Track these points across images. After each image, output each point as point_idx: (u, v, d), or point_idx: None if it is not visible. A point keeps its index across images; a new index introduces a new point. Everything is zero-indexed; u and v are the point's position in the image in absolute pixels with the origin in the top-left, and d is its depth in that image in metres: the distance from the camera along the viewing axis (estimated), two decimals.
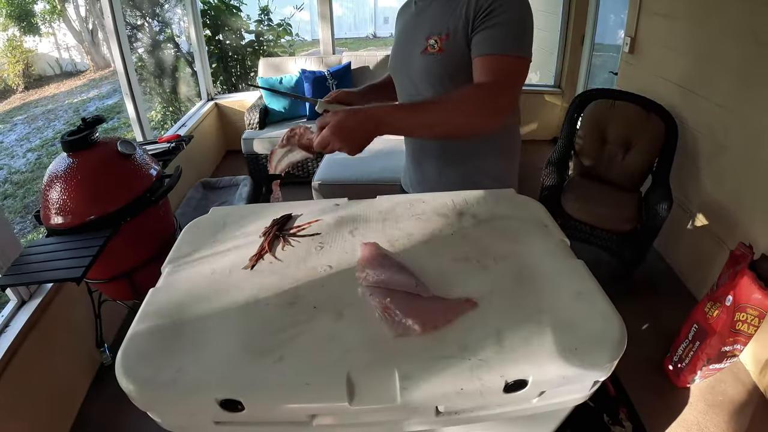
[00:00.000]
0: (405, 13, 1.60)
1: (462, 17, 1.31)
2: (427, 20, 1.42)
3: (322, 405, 0.66)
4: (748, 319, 2.08)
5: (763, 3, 2.32)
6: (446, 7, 1.37)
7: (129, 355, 0.74)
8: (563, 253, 0.90)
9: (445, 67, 1.39)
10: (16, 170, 7.38)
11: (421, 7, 1.48)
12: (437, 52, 1.37)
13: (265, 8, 6.44)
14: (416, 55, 1.43)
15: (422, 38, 1.41)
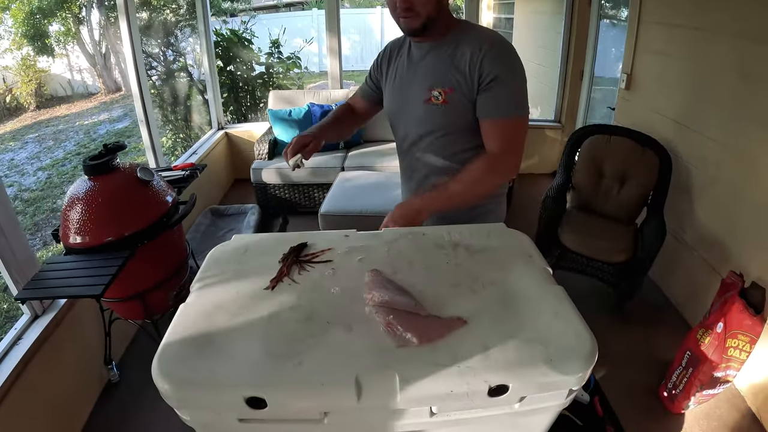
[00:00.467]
0: (396, 58, 1.68)
1: (466, 75, 1.46)
2: (428, 71, 1.54)
3: (334, 401, 0.79)
4: (740, 345, 2.14)
5: (750, 40, 2.43)
6: (447, 60, 1.50)
7: (165, 360, 0.86)
8: (545, 279, 1.02)
9: (448, 117, 1.54)
10: (26, 188, 7.46)
11: (418, 57, 1.58)
12: (441, 104, 1.51)
13: (275, 41, 6.60)
14: (418, 104, 1.56)
15: (424, 88, 1.53)
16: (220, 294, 1.01)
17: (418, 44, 1.58)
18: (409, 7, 1.40)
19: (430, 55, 1.54)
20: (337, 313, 0.92)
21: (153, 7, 6.65)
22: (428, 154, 1.65)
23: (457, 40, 1.50)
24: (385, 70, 1.72)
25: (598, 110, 4.88)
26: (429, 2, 1.41)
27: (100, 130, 10.25)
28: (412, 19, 1.43)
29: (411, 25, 1.45)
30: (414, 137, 1.65)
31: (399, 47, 1.68)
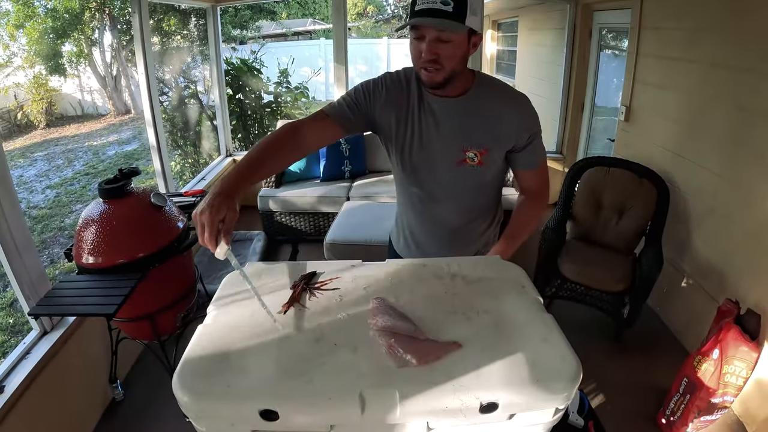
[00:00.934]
0: (405, 102, 1.61)
1: (497, 133, 1.55)
2: (460, 131, 1.56)
3: (340, 415, 0.87)
4: (736, 371, 2.18)
5: (742, 70, 2.53)
6: (479, 120, 1.55)
7: (185, 374, 0.94)
8: (535, 308, 1.10)
9: (482, 177, 1.64)
10: (34, 205, 7.59)
11: (442, 113, 1.57)
12: (477, 165, 1.58)
13: (284, 71, 6.75)
14: (449, 164, 1.60)
15: (457, 149, 1.57)
16: (235, 316, 1.10)
17: (438, 98, 1.57)
18: (435, 59, 1.39)
19: (458, 114, 1.56)
20: (344, 336, 1.01)
21: (165, 33, 6.81)
22: (451, 207, 1.72)
23: (485, 96, 1.55)
24: (387, 113, 1.63)
25: (599, 141, 4.96)
26: (455, 56, 1.41)
27: (108, 152, 10.41)
28: (436, 73, 1.42)
29: (434, 79, 1.44)
30: (440, 194, 1.69)
31: (405, 89, 1.62)
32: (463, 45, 1.41)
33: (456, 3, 1.32)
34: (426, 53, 1.39)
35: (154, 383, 2.80)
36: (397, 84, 1.62)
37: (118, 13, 11.09)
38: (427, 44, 1.38)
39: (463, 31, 1.36)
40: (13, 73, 11.94)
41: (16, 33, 10.99)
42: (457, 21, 1.33)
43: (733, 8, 2.62)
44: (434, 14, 1.33)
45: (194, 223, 1.18)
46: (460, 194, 1.68)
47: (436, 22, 1.33)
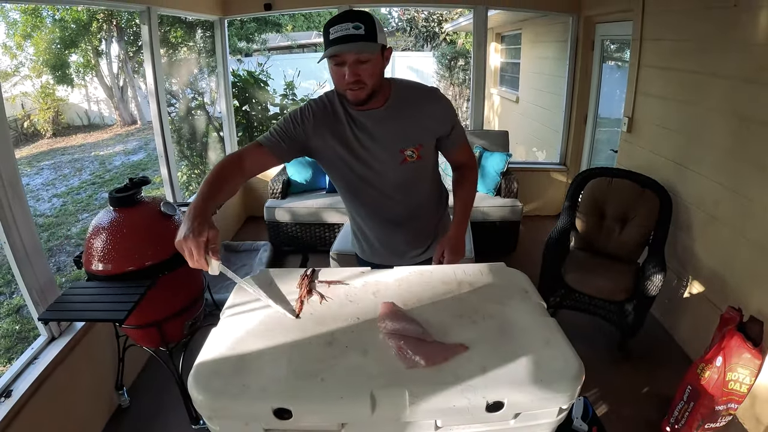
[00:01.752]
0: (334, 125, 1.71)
1: (425, 128, 1.74)
2: (394, 136, 1.71)
3: (351, 414, 0.90)
4: (740, 378, 2.17)
5: (742, 80, 2.55)
6: (407, 121, 1.70)
7: (200, 375, 0.98)
8: (539, 312, 1.14)
9: (425, 167, 1.82)
10: (40, 213, 7.59)
11: (373, 124, 1.69)
12: (416, 159, 1.74)
13: (290, 84, 6.76)
14: (394, 166, 1.74)
15: (395, 151, 1.72)
16: (248, 320, 1.13)
17: (364, 112, 1.68)
18: (358, 79, 1.52)
19: (387, 121, 1.70)
20: (355, 338, 1.05)
21: (171, 45, 6.87)
22: (404, 203, 1.86)
23: (406, 100, 1.71)
24: (319, 139, 1.72)
25: (603, 152, 4.97)
26: (375, 73, 1.54)
27: (115, 161, 10.40)
28: (360, 91, 1.55)
29: (359, 96, 1.57)
30: (392, 195, 1.83)
31: (332, 112, 1.72)
32: (379, 61, 1.55)
33: (366, 25, 1.46)
34: (349, 76, 1.51)
35: (160, 391, 2.82)
36: (323, 108, 1.73)
37: (125, 25, 11.20)
38: (348, 68, 1.50)
39: (377, 49, 1.50)
40: (21, 82, 12.05)
41: (23, 43, 11.10)
42: (371, 41, 1.47)
43: (733, 19, 2.65)
44: (350, 40, 1.45)
45: (180, 250, 1.23)
46: (410, 189, 1.82)
47: (356, 47, 1.46)
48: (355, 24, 1.45)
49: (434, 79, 13.02)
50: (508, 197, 4.36)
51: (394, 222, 1.89)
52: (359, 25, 1.45)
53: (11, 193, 2.11)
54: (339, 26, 1.46)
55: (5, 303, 5.06)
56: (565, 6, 4.74)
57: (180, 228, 1.25)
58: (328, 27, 1.49)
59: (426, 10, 13.87)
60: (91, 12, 10.47)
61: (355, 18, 1.47)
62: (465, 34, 12.65)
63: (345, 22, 1.45)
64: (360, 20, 1.46)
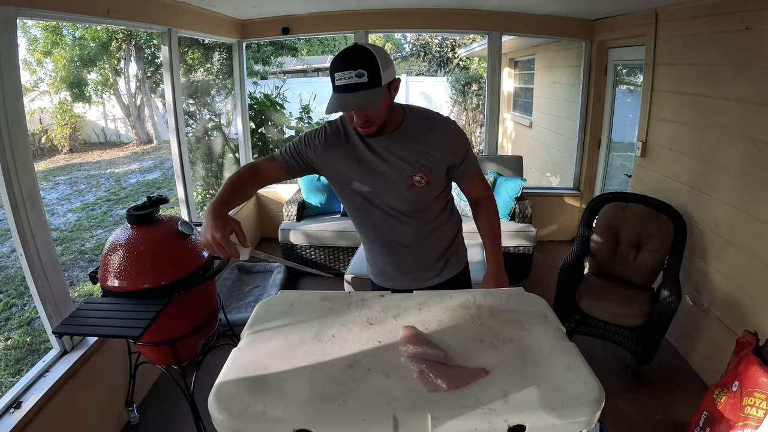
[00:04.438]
0: (344, 144, 1.77)
1: (435, 155, 1.71)
2: (403, 161, 1.71)
3: None
4: (757, 403, 2.11)
5: (755, 103, 2.56)
6: (417, 148, 1.71)
7: (221, 395, 0.98)
8: (558, 336, 1.14)
9: (431, 193, 1.78)
10: (55, 227, 7.64)
11: (383, 148, 1.72)
12: (425, 186, 1.73)
13: (306, 107, 6.82)
14: (401, 190, 1.74)
15: (404, 176, 1.72)
16: (269, 341, 1.15)
17: (376, 138, 1.71)
18: (366, 121, 1.57)
19: (398, 146, 1.72)
20: (376, 362, 1.06)
21: (189, 66, 6.97)
22: (412, 226, 1.84)
23: (418, 127, 1.72)
24: (330, 161, 1.79)
25: (616, 177, 4.96)
26: (381, 113, 1.58)
27: (130, 179, 10.47)
28: (369, 128, 1.60)
29: (368, 132, 1.63)
30: (399, 219, 1.82)
31: (344, 135, 1.78)
32: (386, 98, 1.56)
33: (369, 71, 1.46)
34: (357, 120, 1.58)
35: (170, 409, 2.82)
36: (336, 131, 1.79)
37: (143, 45, 11.38)
38: (355, 113, 1.56)
39: (381, 94, 1.51)
40: (39, 98, 12.25)
41: (43, 59, 11.29)
42: (375, 87, 1.48)
43: (745, 43, 2.68)
44: (353, 89, 1.47)
45: (206, 247, 1.37)
46: (418, 213, 1.81)
47: (357, 103, 1.49)
48: (358, 72, 1.45)
49: (448, 105, 13.09)
50: (523, 222, 4.37)
51: (403, 245, 1.88)
52: (362, 72, 1.45)
53: (30, 206, 2.15)
54: (342, 74, 1.47)
55: (17, 315, 5.10)
56: (578, 31, 4.77)
57: (202, 229, 1.37)
58: (333, 70, 1.50)
59: (439, 35, 13.98)
60: (111, 31, 10.65)
61: (357, 63, 1.46)
62: (478, 60, 12.73)
63: (347, 70, 1.46)
64: (363, 65, 1.46)
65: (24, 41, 10.75)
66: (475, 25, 4.84)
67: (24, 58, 10.91)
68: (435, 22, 4.80)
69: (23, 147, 2.15)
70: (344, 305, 1.29)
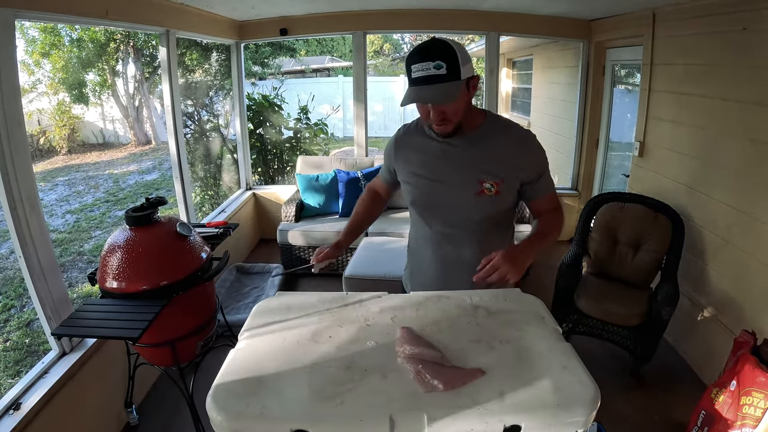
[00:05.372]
0: (416, 148, 1.74)
1: (510, 165, 1.63)
2: (474, 164, 1.63)
3: None
4: (755, 402, 2.13)
5: (753, 103, 2.56)
6: (491, 153, 1.62)
7: (219, 395, 0.99)
8: (555, 337, 1.15)
9: (500, 205, 1.69)
10: (53, 229, 7.63)
11: (455, 150, 1.65)
12: (494, 194, 1.63)
13: (304, 108, 6.82)
14: (467, 195, 1.65)
15: (473, 181, 1.63)
16: (267, 343, 1.15)
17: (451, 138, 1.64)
18: (443, 117, 1.51)
19: (473, 147, 1.63)
20: (373, 362, 1.06)
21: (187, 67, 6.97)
22: (469, 239, 1.74)
23: (495, 132, 1.64)
24: (402, 159, 1.79)
25: (614, 177, 4.97)
26: (459, 110, 1.52)
27: (129, 180, 10.46)
28: (446, 126, 1.54)
29: (445, 131, 1.56)
30: (459, 227, 1.73)
31: (416, 132, 1.76)
32: (465, 95, 1.49)
33: (448, 63, 1.40)
34: (433, 115, 1.51)
35: (169, 410, 2.82)
36: (409, 130, 1.80)
37: (142, 46, 11.37)
38: (432, 108, 1.49)
39: (460, 88, 1.45)
40: (37, 99, 12.23)
41: (41, 60, 11.28)
42: (454, 80, 1.42)
43: (742, 43, 2.68)
44: (430, 81, 1.41)
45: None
46: (480, 223, 1.71)
47: (435, 96, 1.44)
48: (437, 63, 1.39)
49: None
50: (520, 223, 4.37)
51: (453, 261, 1.77)
52: (440, 64, 1.39)
53: (29, 208, 2.16)
54: (420, 66, 1.41)
55: (17, 316, 5.10)
56: (575, 32, 4.78)
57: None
58: (410, 63, 1.45)
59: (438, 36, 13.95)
60: (109, 33, 10.65)
61: (436, 55, 1.40)
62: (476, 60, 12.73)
63: (426, 61, 1.40)
64: (442, 57, 1.40)
65: (22, 42, 10.73)
66: (473, 26, 4.84)
67: (22, 59, 10.89)
68: (433, 23, 4.81)
69: (22, 149, 2.15)
70: (341, 306, 1.30)
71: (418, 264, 1.92)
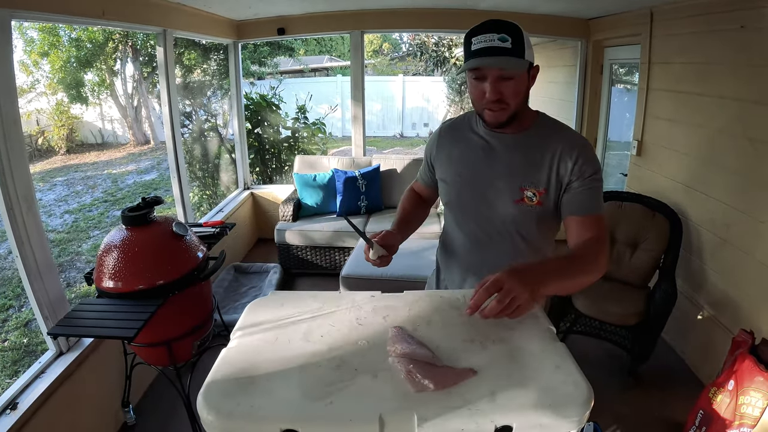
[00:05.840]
0: (458, 141, 1.61)
1: (557, 173, 1.45)
2: (518, 167, 1.48)
3: None
4: (753, 402, 2.15)
5: (751, 102, 2.57)
6: (538, 157, 1.46)
7: (210, 394, 0.98)
8: (548, 337, 1.14)
9: (539, 218, 1.51)
10: (52, 229, 7.68)
11: (500, 148, 1.52)
12: (536, 205, 1.48)
13: (302, 107, 6.83)
14: (505, 202, 1.50)
15: (514, 186, 1.48)
16: (259, 342, 1.14)
17: (497, 134, 1.53)
18: (500, 98, 1.36)
19: (519, 150, 1.50)
20: (364, 362, 1.05)
21: (186, 67, 6.97)
22: (504, 250, 1.59)
23: (545, 135, 1.49)
24: (444, 153, 1.65)
25: (613, 176, 4.97)
26: (519, 93, 1.39)
27: (128, 180, 10.52)
28: (501, 113, 1.40)
29: (498, 119, 1.42)
30: (495, 235, 1.59)
31: (460, 129, 1.63)
32: (525, 80, 1.39)
33: (513, 38, 1.31)
34: (490, 93, 1.36)
35: (166, 410, 2.82)
36: (453, 126, 1.67)
37: (140, 46, 11.38)
38: (490, 84, 1.35)
39: (524, 66, 1.35)
40: (36, 99, 12.25)
41: (40, 60, 11.29)
42: (518, 57, 1.32)
43: (740, 41, 2.69)
44: (494, 53, 1.31)
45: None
46: (516, 235, 1.56)
47: (500, 61, 1.31)
48: (501, 36, 1.30)
49: (444, 104, 13.09)
50: None
51: (482, 264, 1.61)
52: (506, 37, 1.30)
53: (25, 208, 2.16)
54: (483, 36, 1.32)
55: (14, 316, 5.10)
56: (573, 31, 4.78)
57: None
58: (470, 37, 1.35)
59: (436, 35, 13.99)
60: (107, 33, 10.66)
61: (501, 29, 1.31)
62: None
63: (490, 33, 1.31)
64: (507, 32, 1.31)
65: (21, 42, 10.74)
66: (471, 25, 4.80)
67: (21, 59, 10.91)
68: (431, 22, 4.80)
69: (18, 149, 2.16)
70: (334, 305, 1.29)
71: (445, 269, 1.80)
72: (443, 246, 1.81)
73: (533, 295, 1.13)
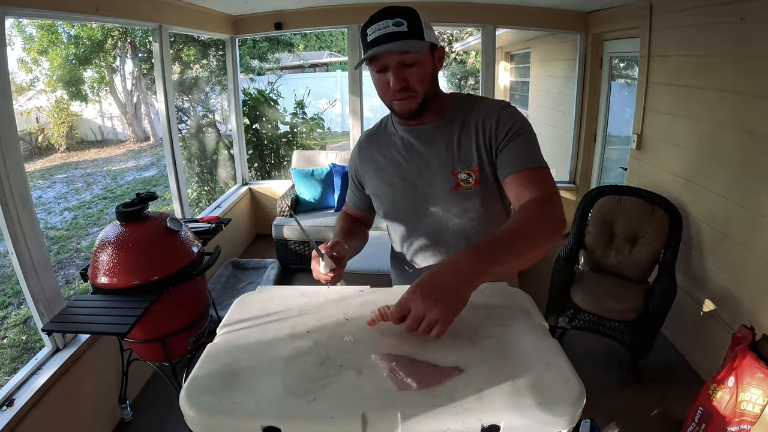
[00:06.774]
0: (380, 152, 1.54)
1: (484, 144, 1.37)
2: (445, 155, 1.42)
3: None
4: (753, 399, 2.14)
5: (751, 95, 2.54)
6: (462, 136, 1.40)
7: (192, 390, 0.96)
8: (540, 333, 1.11)
9: (482, 198, 1.42)
10: (52, 226, 7.74)
11: (421, 143, 1.45)
12: (474, 185, 1.40)
13: (300, 102, 6.84)
14: (443, 194, 1.43)
15: (445, 175, 1.41)
16: (244, 337, 1.12)
17: (414, 129, 1.47)
18: (405, 86, 1.31)
19: (439, 137, 1.43)
20: (349, 358, 1.03)
21: (184, 63, 6.96)
22: (458, 240, 1.49)
23: (463, 113, 1.42)
24: (369, 165, 1.57)
25: (613, 170, 4.96)
26: (425, 77, 1.32)
27: (127, 177, 10.60)
28: (409, 101, 1.34)
29: (408, 108, 1.35)
30: (444, 233, 1.50)
31: (379, 136, 1.57)
32: (429, 63, 1.33)
33: (409, 21, 1.26)
34: (394, 83, 1.30)
35: (163, 406, 2.81)
36: (371, 135, 1.60)
37: (139, 42, 11.36)
38: (393, 73, 1.29)
39: (425, 48, 1.29)
40: (36, 97, 12.26)
41: (39, 58, 11.29)
42: (417, 39, 1.27)
43: (740, 34, 2.66)
44: (391, 39, 1.24)
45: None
46: (467, 224, 1.47)
47: (398, 46, 1.25)
48: (396, 20, 1.24)
49: None
50: None
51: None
52: (400, 21, 1.24)
53: (21, 205, 2.16)
54: (377, 25, 1.25)
55: (13, 313, 5.11)
56: (573, 24, 4.76)
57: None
58: (365, 29, 1.28)
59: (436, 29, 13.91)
60: (106, 29, 10.64)
61: (395, 14, 1.25)
62: (475, 54, 12.73)
63: (384, 20, 1.25)
64: (401, 16, 1.25)
65: (20, 40, 10.74)
66: (469, 18, 4.81)
67: (20, 57, 10.91)
68: (429, 15, 4.73)
69: (13, 145, 2.15)
70: (322, 300, 1.27)
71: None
72: (396, 263, 1.74)
73: (452, 305, 1.01)
